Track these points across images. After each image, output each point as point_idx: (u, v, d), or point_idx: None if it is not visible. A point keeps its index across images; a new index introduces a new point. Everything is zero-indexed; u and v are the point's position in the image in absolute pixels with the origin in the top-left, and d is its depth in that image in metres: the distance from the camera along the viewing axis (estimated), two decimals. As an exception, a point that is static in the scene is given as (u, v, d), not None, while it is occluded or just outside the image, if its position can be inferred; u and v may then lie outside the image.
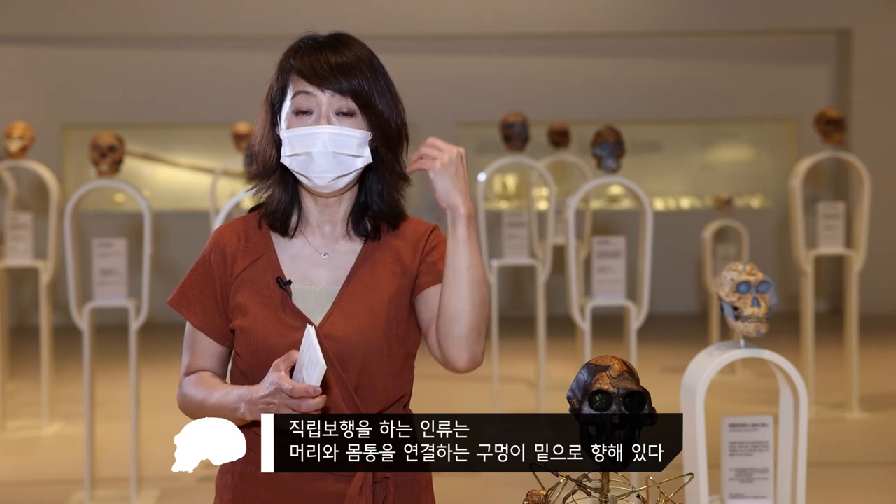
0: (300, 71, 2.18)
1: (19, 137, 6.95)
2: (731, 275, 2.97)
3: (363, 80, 2.17)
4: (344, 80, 2.16)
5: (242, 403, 2.07)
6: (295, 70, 2.19)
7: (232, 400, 2.10)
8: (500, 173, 12.41)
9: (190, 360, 2.26)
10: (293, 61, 2.20)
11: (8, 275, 7.64)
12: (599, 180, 5.62)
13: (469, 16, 11.87)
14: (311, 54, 2.19)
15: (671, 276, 12.00)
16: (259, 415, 2.03)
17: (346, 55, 2.18)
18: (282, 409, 1.99)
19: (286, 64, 2.21)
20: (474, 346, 2.13)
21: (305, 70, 2.17)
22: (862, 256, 7.18)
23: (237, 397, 2.09)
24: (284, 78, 2.21)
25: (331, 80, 2.15)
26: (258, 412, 2.03)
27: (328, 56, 2.18)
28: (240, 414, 2.08)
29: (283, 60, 2.23)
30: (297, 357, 2.01)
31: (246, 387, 2.10)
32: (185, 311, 2.25)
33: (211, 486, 5.80)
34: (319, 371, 1.95)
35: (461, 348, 2.13)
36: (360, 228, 2.25)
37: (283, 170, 2.23)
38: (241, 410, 2.07)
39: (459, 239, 2.10)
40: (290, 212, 2.25)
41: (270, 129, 2.23)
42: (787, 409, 3.09)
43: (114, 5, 11.64)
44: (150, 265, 5.63)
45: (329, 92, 2.16)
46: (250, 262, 2.23)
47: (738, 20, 12.01)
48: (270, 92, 2.24)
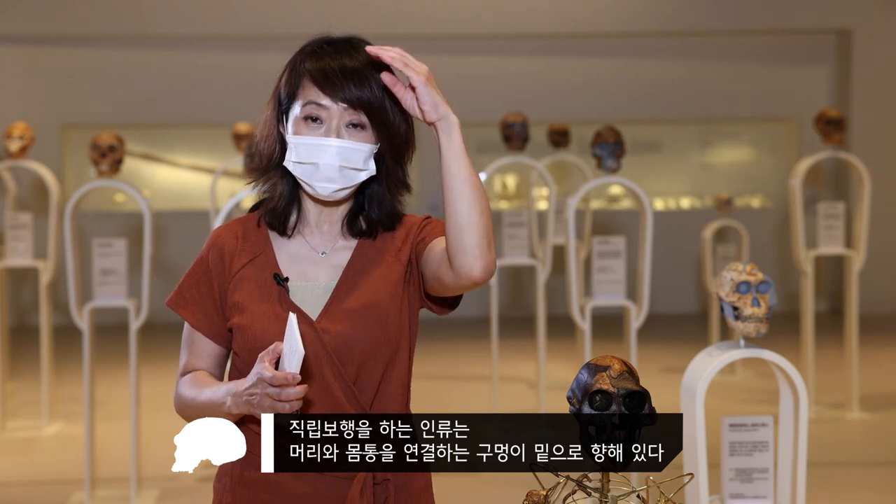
0: (313, 76, 2.15)
1: (19, 137, 6.95)
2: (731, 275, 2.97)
3: (375, 90, 2.15)
4: (357, 90, 2.14)
5: (228, 397, 2.06)
6: (308, 74, 2.16)
7: (220, 395, 2.09)
8: (500, 173, 12.41)
9: (187, 360, 2.26)
10: (307, 64, 2.17)
11: (8, 275, 7.64)
12: (599, 180, 5.62)
13: (469, 16, 11.87)
14: (326, 59, 2.16)
15: (671, 276, 12.00)
16: (244, 408, 2.02)
17: (359, 60, 2.16)
18: (264, 399, 1.98)
19: (299, 66, 2.19)
20: (487, 254, 2.09)
21: (319, 77, 2.15)
22: (862, 256, 7.18)
23: (224, 392, 2.08)
24: (296, 80, 2.18)
25: (344, 90, 2.13)
26: (243, 404, 2.02)
27: (344, 62, 2.15)
28: (226, 408, 2.06)
29: (296, 61, 2.20)
30: (281, 348, 2.01)
31: (234, 381, 2.09)
32: (183, 312, 2.25)
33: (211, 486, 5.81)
34: (298, 358, 1.94)
35: (476, 258, 2.08)
36: (355, 228, 2.25)
37: (284, 169, 2.23)
38: (227, 404, 2.06)
39: (456, 147, 2.06)
40: (290, 210, 2.25)
41: (276, 126, 2.22)
42: (787, 409, 3.09)
43: (114, 5, 11.64)
44: (150, 265, 5.63)
45: (342, 105, 2.14)
46: (248, 259, 2.23)
47: (738, 20, 12.01)
48: (278, 90, 2.22)
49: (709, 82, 12.38)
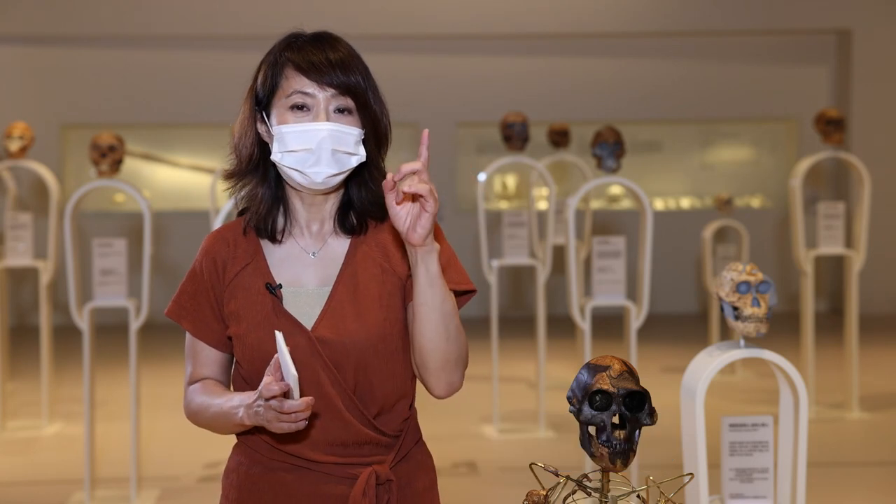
0: (297, 65, 2.14)
1: (19, 137, 6.95)
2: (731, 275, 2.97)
3: (360, 78, 2.15)
4: (342, 75, 2.13)
5: (241, 408, 2.07)
6: (291, 64, 2.14)
7: (233, 405, 2.10)
8: (500, 173, 12.41)
9: (193, 369, 2.25)
10: (288, 54, 2.16)
11: (8, 275, 7.64)
12: (599, 180, 5.62)
13: (469, 16, 11.88)
14: (307, 49, 2.15)
15: (671, 276, 12.00)
16: (255, 419, 2.03)
17: (341, 51, 2.16)
18: (268, 412, 1.98)
19: (279, 57, 2.17)
20: (451, 376, 2.12)
21: (303, 64, 2.13)
22: (862, 256, 7.18)
23: (238, 402, 2.09)
24: (276, 72, 2.16)
25: (330, 75, 2.12)
26: (253, 416, 2.03)
27: (326, 52, 2.15)
28: (238, 419, 2.07)
29: (275, 54, 2.18)
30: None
31: (247, 392, 2.10)
32: (183, 322, 2.24)
33: (211, 486, 5.81)
34: (294, 382, 1.95)
35: (438, 379, 2.12)
36: (347, 224, 2.22)
37: (264, 170, 2.21)
38: (239, 415, 2.07)
39: (433, 275, 2.04)
40: (276, 213, 2.22)
41: (254, 126, 2.20)
42: (787, 409, 3.09)
43: (114, 5, 11.65)
44: (150, 265, 5.63)
45: (329, 89, 2.13)
46: (240, 268, 2.21)
47: (737, 20, 12.01)
48: (254, 88, 2.20)
49: (709, 82, 12.39)
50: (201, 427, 2.23)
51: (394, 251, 2.21)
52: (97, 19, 11.62)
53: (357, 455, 2.16)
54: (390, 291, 2.18)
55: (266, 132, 2.18)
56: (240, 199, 2.24)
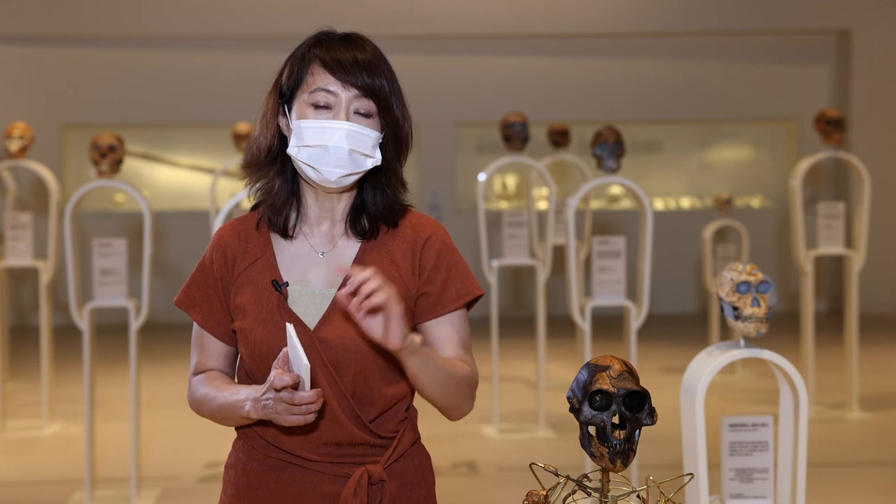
0: (324, 62, 2.14)
1: (19, 137, 6.95)
2: (731, 275, 2.97)
3: (385, 81, 2.16)
4: (367, 77, 2.14)
5: (248, 401, 2.08)
6: (318, 60, 2.15)
7: (239, 398, 2.11)
8: (500, 173, 12.41)
9: (198, 359, 2.26)
10: (316, 51, 2.16)
11: (8, 275, 7.64)
12: (599, 180, 5.62)
13: (469, 16, 11.88)
14: (336, 48, 2.16)
15: (671, 276, 12.00)
16: (262, 412, 2.04)
17: (369, 53, 2.16)
18: (278, 404, 1.99)
19: (307, 53, 2.17)
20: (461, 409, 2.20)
21: (330, 62, 2.14)
22: (862, 256, 7.18)
23: (245, 395, 2.10)
24: (303, 66, 2.17)
25: (356, 76, 2.13)
26: (261, 409, 2.04)
27: (354, 52, 2.15)
28: (245, 412, 2.08)
29: (303, 50, 2.19)
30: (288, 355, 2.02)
31: (254, 386, 2.11)
32: (191, 311, 2.25)
33: (211, 486, 5.81)
34: (305, 371, 1.96)
35: (449, 414, 2.22)
36: (358, 227, 2.22)
37: (282, 163, 2.21)
38: (246, 408, 2.08)
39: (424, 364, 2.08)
40: (290, 207, 2.22)
41: (276, 119, 2.21)
42: (787, 409, 3.09)
43: (114, 5, 11.65)
44: (150, 265, 5.63)
45: (353, 90, 2.13)
46: (249, 263, 2.22)
47: (737, 20, 12.01)
48: (279, 81, 2.21)
49: (709, 82, 12.39)
50: (204, 417, 2.24)
51: (402, 261, 2.21)
52: (97, 19, 11.61)
53: (350, 455, 2.16)
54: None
55: (286, 126, 2.19)
56: (255, 190, 2.25)
